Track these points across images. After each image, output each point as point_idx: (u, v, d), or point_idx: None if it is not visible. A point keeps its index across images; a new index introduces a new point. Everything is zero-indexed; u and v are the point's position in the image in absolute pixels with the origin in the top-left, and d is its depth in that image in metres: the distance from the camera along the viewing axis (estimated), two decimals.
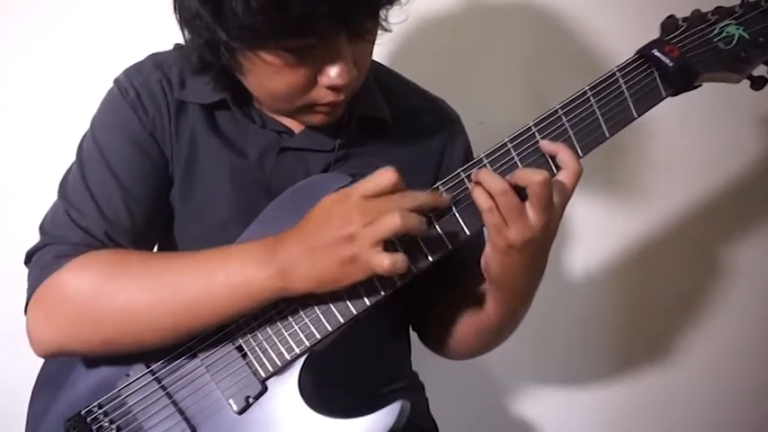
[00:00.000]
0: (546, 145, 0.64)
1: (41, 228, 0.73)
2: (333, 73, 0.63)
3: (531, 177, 0.60)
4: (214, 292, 0.63)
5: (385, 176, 0.59)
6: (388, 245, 0.59)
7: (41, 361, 0.75)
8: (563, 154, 0.63)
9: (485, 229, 0.64)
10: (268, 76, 0.64)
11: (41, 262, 0.69)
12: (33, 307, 0.69)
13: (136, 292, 0.65)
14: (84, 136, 0.76)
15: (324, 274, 0.60)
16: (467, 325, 0.76)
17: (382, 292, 0.65)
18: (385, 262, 0.57)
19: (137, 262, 0.67)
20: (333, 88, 0.65)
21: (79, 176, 0.73)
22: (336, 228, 0.59)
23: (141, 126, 0.73)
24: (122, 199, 0.71)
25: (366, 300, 0.65)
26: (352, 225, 0.58)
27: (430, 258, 0.65)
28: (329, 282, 0.61)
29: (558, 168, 0.63)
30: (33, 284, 0.69)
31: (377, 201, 0.59)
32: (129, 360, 0.69)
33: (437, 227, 0.64)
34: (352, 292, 0.64)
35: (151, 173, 0.74)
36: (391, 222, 0.57)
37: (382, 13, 0.65)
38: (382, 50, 1.06)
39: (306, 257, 0.60)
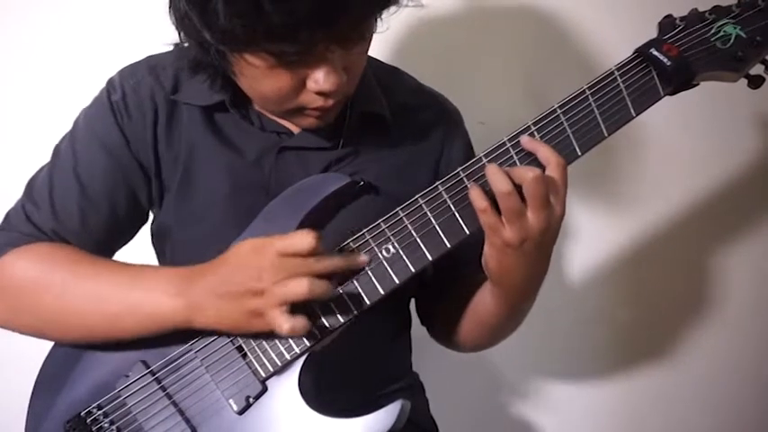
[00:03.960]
0: (526, 143, 0.64)
1: (6, 213, 0.76)
2: (319, 79, 0.63)
3: (524, 175, 0.60)
4: (127, 310, 0.66)
5: (303, 239, 0.60)
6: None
7: (41, 362, 0.74)
8: (542, 152, 0.63)
9: None
10: (256, 78, 0.65)
11: None
12: None
13: (61, 293, 0.68)
14: (67, 133, 0.77)
15: (227, 319, 0.63)
16: (470, 320, 0.76)
17: (381, 291, 0.65)
18: (285, 326, 0.59)
19: (72, 263, 0.70)
20: (321, 93, 0.65)
21: (47, 172, 0.75)
22: (247, 279, 0.61)
23: (119, 134, 0.73)
24: (78, 202, 0.73)
25: (366, 299, 0.65)
26: (262, 281, 0.60)
27: (429, 257, 0.65)
28: (231, 327, 0.64)
29: (543, 167, 0.63)
30: None
31: (291, 261, 0.61)
32: (129, 360, 0.69)
33: (437, 226, 0.64)
34: (353, 291, 0.65)
35: (119, 183, 0.74)
36: (299, 288, 0.59)
37: (375, 20, 0.64)
38: (383, 51, 1.06)
39: (214, 300, 0.62)
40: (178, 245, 0.77)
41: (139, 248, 0.81)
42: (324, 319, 0.65)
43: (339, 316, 0.65)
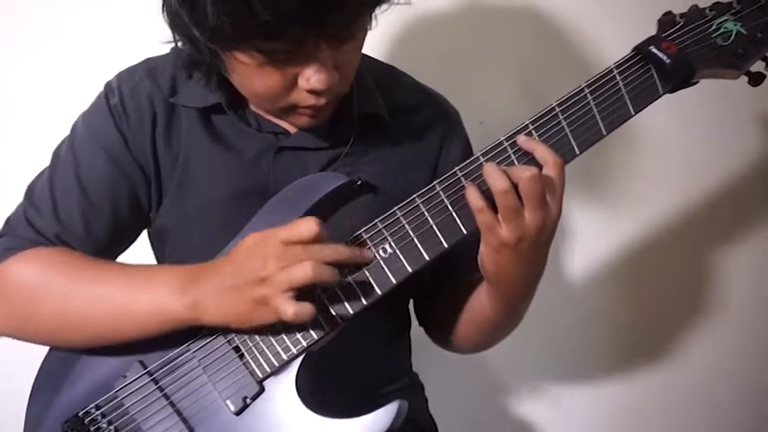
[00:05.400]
0: (523, 142, 0.64)
1: (7, 219, 0.76)
2: (310, 77, 0.63)
3: (520, 174, 0.60)
4: (133, 311, 0.66)
5: (306, 226, 0.60)
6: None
7: (40, 361, 0.74)
8: (539, 151, 0.63)
9: None
10: (247, 76, 0.65)
11: None
12: None
13: (66, 296, 0.68)
14: (65, 138, 0.76)
15: (234, 312, 0.62)
16: (467, 320, 0.76)
17: (379, 292, 0.65)
18: (289, 311, 0.59)
19: (76, 266, 0.70)
20: (312, 92, 0.65)
21: (48, 176, 0.75)
22: (252, 269, 0.61)
23: (119, 136, 0.73)
24: (80, 205, 0.73)
25: (363, 299, 0.65)
26: (267, 269, 0.60)
27: (426, 258, 0.65)
28: (239, 320, 0.63)
29: (541, 166, 0.63)
30: None
31: (295, 248, 0.60)
32: (127, 361, 0.69)
33: (434, 225, 0.64)
34: (350, 291, 0.64)
35: (120, 185, 0.74)
36: (303, 272, 0.59)
37: (367, 18, 0.64)
38: (380, 50, 1.06)
39: (220, 293, 0.62)
40: (177, 248, 0.77)
41: (139, 251, 0.81)
42: (321, 320, 0.65)
43: (337, 317, 0.65)
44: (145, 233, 0.82)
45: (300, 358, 0.66)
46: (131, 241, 0.80)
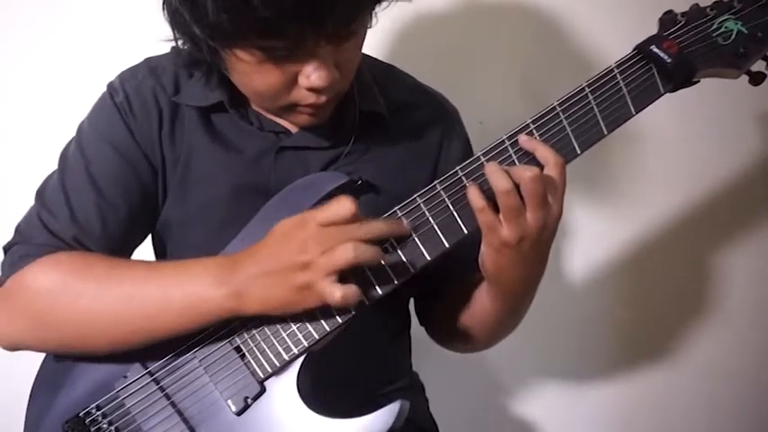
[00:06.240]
0: (524, 142, 0.63)
1: (17, 226, 0.74)
2: (310, 74, 0.63)
3: (522, 174, 0.60)
4: (168, 307, 0.64)
5: (343, 206, 0.59)
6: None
7: (41, 361, 0.74)
8: (540, 151, 0.63)
9: None
10: (247, 74, 0.64)
11: (9, 259, 0.71)
12: None
13: (95, 299, 0.66)
14: (71, 139, 0.76)
15: (277, 299, 0.61)
16: (468, 320, 0.76)
17: (380, 291, 0.65)
18: (336, 294, 0.58)
19: (99, 267, 0.68)
20: (312, 90, 0.64)
21: (58, 179, 0.74)
22: (292, 254, 0.60)
23: (126, 131, 0.73)
24: (96, 205, 0.72)
25: (365, 299, 0.64)
26: (308, 253, 0.59)
27: (427, 257, 0.65)
28: (282, 306, 0.62)
29: (542, 166, 0.63)
30: (0, 281, 0.70)
31: (333, 230, 0.59)
32: (127, 361, 0.69)
33: (435, 225, 0.64)
34: None
35: (131, 180, 0.73)
36: (345, 254, 0.58)
37: (367, 15, 0.64)
38: (380, 49, 1.06)
39: (261, 280, 0.61)
40: (178, 245, 0.77)
41: (138, 251, 0.81)
42: (322, 320, 0.65)
43: (338, 316, 0.65)
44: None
45: (302, 358, 0.66)
46: (142, 239, 0.79)
